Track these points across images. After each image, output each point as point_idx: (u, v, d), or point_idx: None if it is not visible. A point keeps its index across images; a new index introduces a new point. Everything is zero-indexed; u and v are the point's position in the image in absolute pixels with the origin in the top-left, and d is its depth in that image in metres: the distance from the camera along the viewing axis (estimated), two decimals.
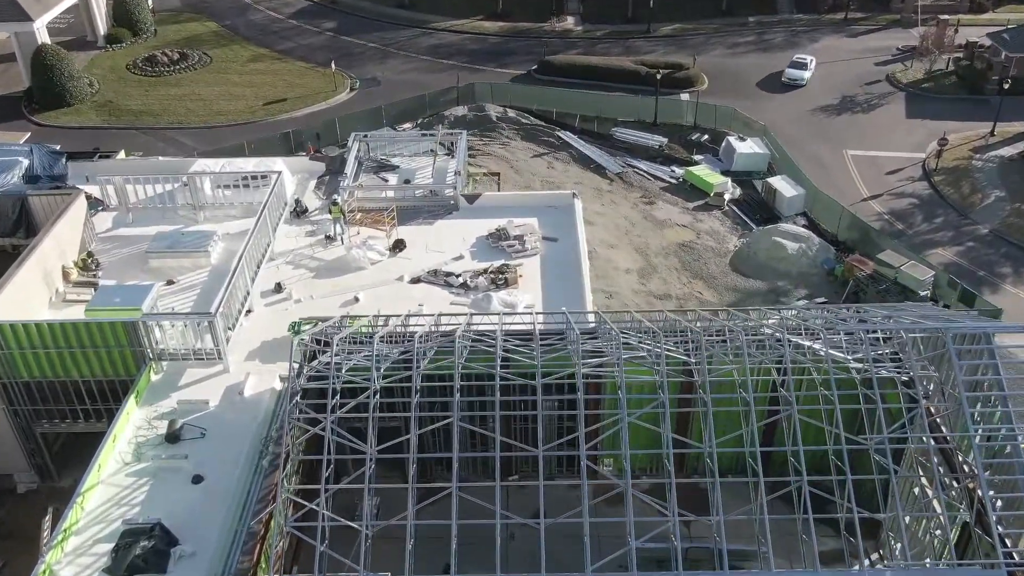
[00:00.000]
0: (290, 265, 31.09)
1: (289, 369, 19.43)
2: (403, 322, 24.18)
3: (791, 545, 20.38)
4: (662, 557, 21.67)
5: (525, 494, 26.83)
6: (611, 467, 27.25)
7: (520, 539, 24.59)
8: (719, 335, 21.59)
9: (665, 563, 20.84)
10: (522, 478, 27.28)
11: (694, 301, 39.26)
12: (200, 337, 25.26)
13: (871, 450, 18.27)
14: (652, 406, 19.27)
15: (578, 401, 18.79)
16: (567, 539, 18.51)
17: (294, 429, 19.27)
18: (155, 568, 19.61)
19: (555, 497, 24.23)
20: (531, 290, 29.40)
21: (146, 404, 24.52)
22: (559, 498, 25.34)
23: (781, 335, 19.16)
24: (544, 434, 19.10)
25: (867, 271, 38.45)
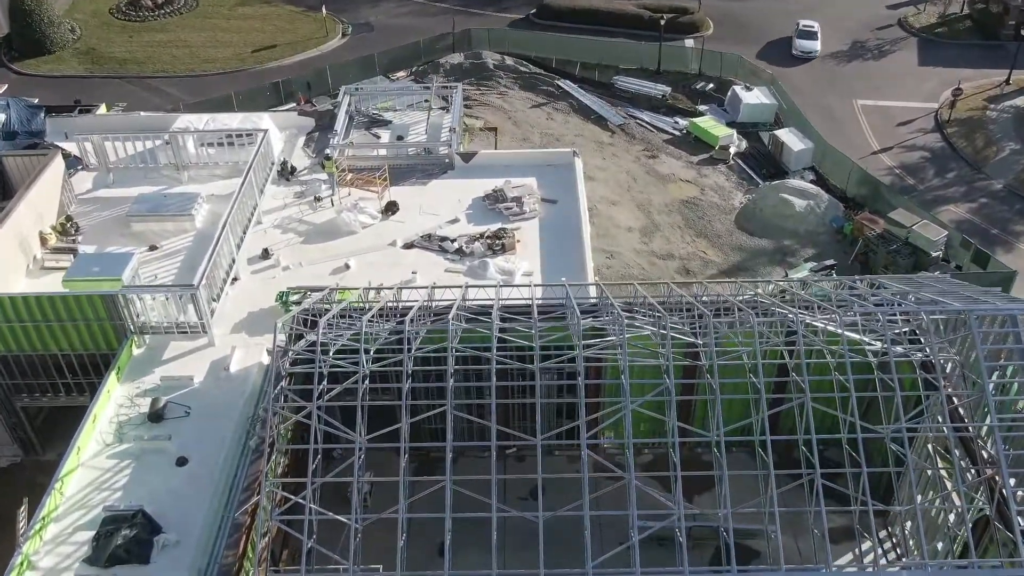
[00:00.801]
0: (278, 229, 29.83)
1: (273, 352, 18.32)
2: (395, 295, 23.06)
3: (798, 522, 19.59)
4: (664, 535, 21.04)
5: (524, 465, 26.13)
6: (612, 439, 26.45)
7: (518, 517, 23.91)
8: (727, 312, 20.51)
9: (667, 541, 20.16)
10: (520, 450, 26.50)
11: (698, 261, 38.08)
12: (183, 310, 24.14)
13: (887, 438, 17.31)
14: (656, 392, 18.23)
15: (578, 387, 17.76)
16: (566, 519, 17.60)
17: (278, 416, 18.23)
18: (137, 558, 18.84)
19: (554, 469, 23.53)
20: (529, 256, 28.20)
21: (128, 380, 23.53)
22: (558, 470, 24.63)
23: (794, 316, 18.01)
24: (543, 421, 18.12)
25: (877, 230, 37.15)
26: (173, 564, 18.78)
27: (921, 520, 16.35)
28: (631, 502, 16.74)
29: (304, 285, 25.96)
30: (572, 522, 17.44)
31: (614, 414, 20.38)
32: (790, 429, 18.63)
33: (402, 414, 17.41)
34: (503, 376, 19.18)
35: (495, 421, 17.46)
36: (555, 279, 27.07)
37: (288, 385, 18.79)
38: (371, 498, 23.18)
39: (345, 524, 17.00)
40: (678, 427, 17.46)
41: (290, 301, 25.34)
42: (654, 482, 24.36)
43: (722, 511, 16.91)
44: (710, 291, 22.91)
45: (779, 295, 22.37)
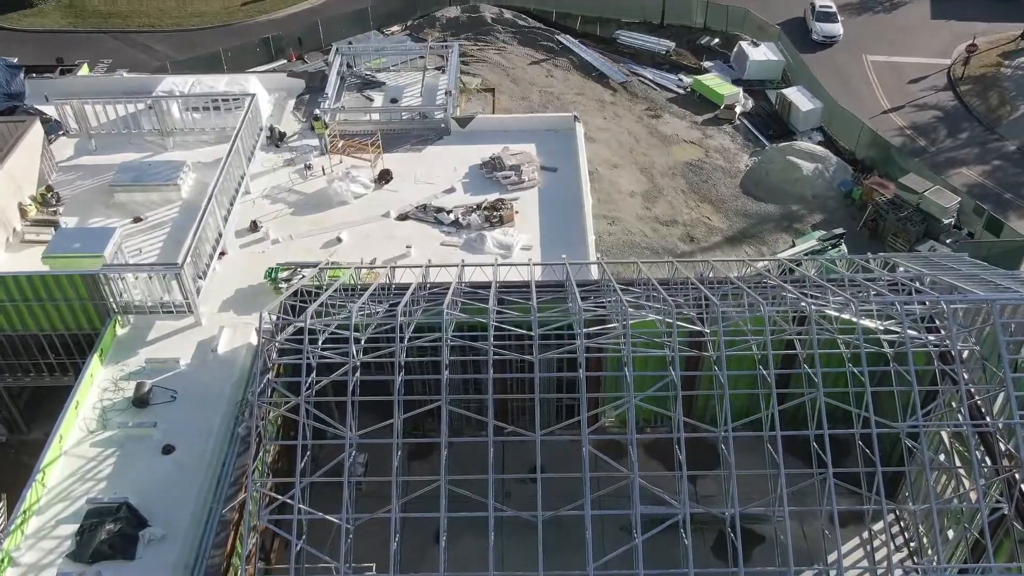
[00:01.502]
0: (267, 199, 28.69)
1: (259, 345, 17.38)
2: (388, 275, 22.08)
3: (804, 504, 18.92)
4: (667, 518, 20.46)
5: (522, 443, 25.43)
6: (614, 420, 25.76)
7: (516, 497, 23.31)
8: (735, 295, 19.57)
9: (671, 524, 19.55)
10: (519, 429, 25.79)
11: (702, 228, 37.01)
12: (168, 289, 23.16)
13: (902, 434, 16.52)
14: (661, 384, 17.37)
15: (580, 382, 16.89)
16: (566, 499, 17.02)
17: (264, 408, 17.39)
18: (122, 554, 18.20)
19: (554, 447, 22.84)
20: (528, 229, 27.13)
21: (112, 362, 22.67)
22: (558, 448, 23.94)
23: (807, 304, 17.05)
24: (542, 411, 17.30)
25: (887, 196, 36.00)
26: (159, 560, 18.15)
27: (936, 519, 15.60)
28: (634, 501, 15.98)
29: (294, 261, 25.00)
30: (570, 503, 16.77)
31: (616, 396, 19.56)
32: (796, 412, 17.86)
33: (395, 410, 16.55)
34: (501, 367, 18.35)
35: (492, 416, 16.60)
36: (555, 253, 26.12)
37: (275, 377, 17.89)
38: (365, 481, 22.58)
39: (345, 473, 16.21)
40: (683, 422, 16.64)
41: (279, 278, 24.41)
42: (657, 464, 23.86)
43: (730, 510, 16.16)
44: (716, 270, 21.96)
45: (788, 274, 21.39)
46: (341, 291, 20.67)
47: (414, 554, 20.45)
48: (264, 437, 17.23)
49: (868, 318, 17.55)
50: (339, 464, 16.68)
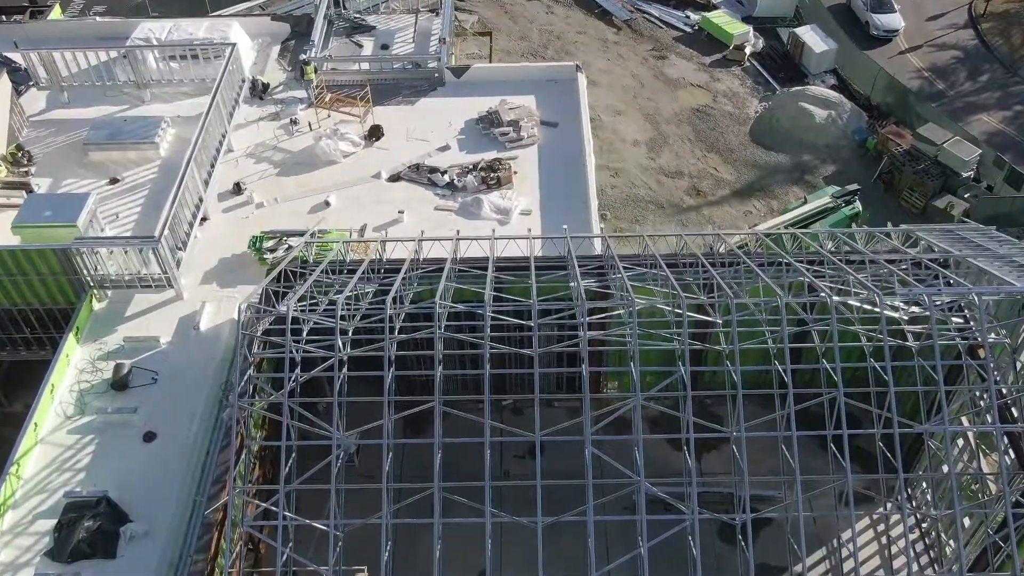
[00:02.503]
0: (251, 158, 27.09)
1: (237, 342, 16.18)
2: (379, 250, 20.75)
3: (813, 486, 18.00)
4: (671, 503, 19.68)
5: (522, 419, 24.56)
6: (616, 390, 24.82)
7: (515, 476, 22.54)
8: (748, 274, 18.30)
9: (673, 509, 18.74)
10: (517, 402, 24.91)
11: (709, 180, 35.44)
12: (145, 262, 21.84)
13: (926, 436, 15.49)
14: (669, 381, 16.27)
15: (582, 379, 15.78)
16: (565, 475, 16.13)
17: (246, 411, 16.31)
18: (103, 552, 17.38)
19: (554, 422, 21.96)
20: (527, 191, 25.66)
21: (89, 341, 21.51)
22: (558, 418, 23.03)
23: (827, 294, 15.79)
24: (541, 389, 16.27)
25: (904, 146, 34.33)
26: (141, 558, 17.32)
27: (961, 527, 14.68)
28: (640, 508, 15.04)
29: (279, 229, 23.62)
30: (571, 475, 15.94)
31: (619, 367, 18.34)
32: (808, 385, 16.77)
33: (385, 411, 15.47)
34: (498, 358, 17.31)
35: (488, 416, 15.55)
36: (555, 218, 24.77)
37: (257, 372, 16.76)
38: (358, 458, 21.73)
39: (332, 479, 15.30)
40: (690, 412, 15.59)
41: (264, 248, 23.08)
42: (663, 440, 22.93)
43: (740, 517, 15.25)
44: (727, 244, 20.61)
45: (805, 249, 20.06)
46: (328, 270, 19.36)
47: (407, 532, 19.65)
48: (246, 437, 16.16)
49: (888, 301, 16.26)
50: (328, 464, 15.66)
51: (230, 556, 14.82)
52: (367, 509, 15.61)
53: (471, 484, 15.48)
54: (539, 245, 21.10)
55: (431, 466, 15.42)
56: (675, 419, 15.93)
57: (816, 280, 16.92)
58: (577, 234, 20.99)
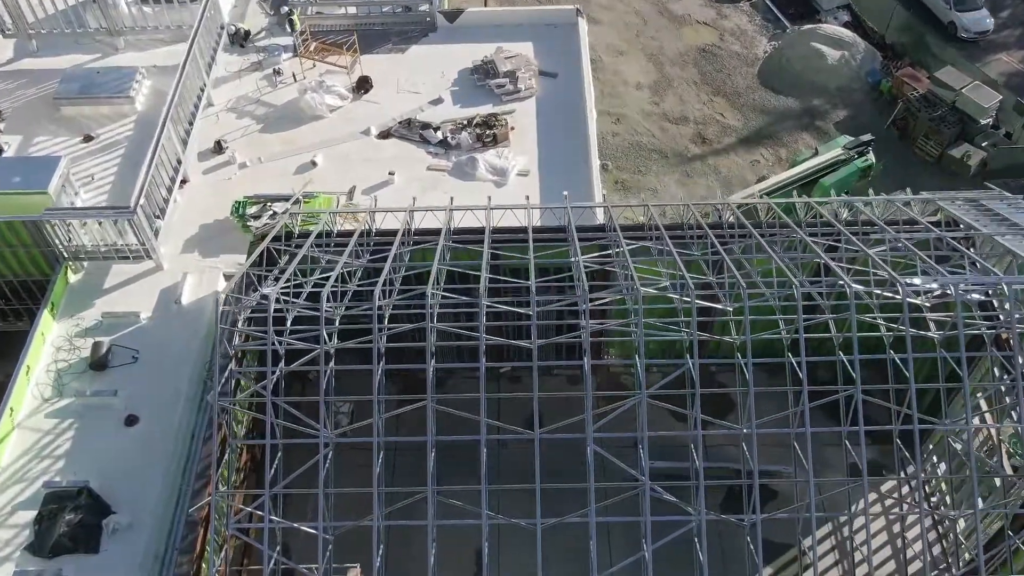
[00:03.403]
0: (232, 113, 25.60)
1: (215, 337, 15.15)
2: (368, 220, 19.56)
3: (819, 459, 17.26)
4: (675, 473, 19.02)
5: (520, 386, 23.78)
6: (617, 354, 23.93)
7: (513, 448, 21.87)
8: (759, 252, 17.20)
9: (678, 479, 18.05)
10: (515, 369, 24.05)
11: (715, 126, 33.89)
12: (122, 232, 20.65)
13: (947, 436, 14.67)
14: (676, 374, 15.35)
15: (585, 376, 14.85)
16: (564, 449, 15.50)
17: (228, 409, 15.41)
18: (85, 546, 16.74)
19: (552, 387, 21.19)
20: (525, 149, 24.29)
21: (65, 316, 20.50)
22: (556, 387, 22.30)
23: (846, 282, 14.71)
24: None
25: (920, 90, 32.70)
26: (126, 552, 16.71)
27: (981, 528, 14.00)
28: (644, 511, 14.31)
29: (263, 194, 22.36)
30: (571, 453, 15.25)
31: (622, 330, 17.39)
32: (819, 348, 15.66)
33: (375, 408, 14.58)
34: (496, 318, 16.35)
35: (484, 415, 14.68)
36: (555, 178, 23.53)
37: (238, 368, 15.80)
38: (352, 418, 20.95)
39: (320, 484, 14.55)
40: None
41: (247, 215, 21.86)
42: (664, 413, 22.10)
43: (750, 516, 14.55)
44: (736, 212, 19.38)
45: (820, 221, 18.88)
46: (314, 245, 18.22)
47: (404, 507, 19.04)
48: (229, 435, 15.31)
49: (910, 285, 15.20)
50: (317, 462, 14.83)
51: (215, 563, 14.10)
52: (359, 494, 14.72)
53: (467, 488, 14.72)
54: (538, 215, 19.88)
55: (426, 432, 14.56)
56: (680, 382, 15.06)
57: (833, 262, 15.82)
58: (578, 203, 19.76)
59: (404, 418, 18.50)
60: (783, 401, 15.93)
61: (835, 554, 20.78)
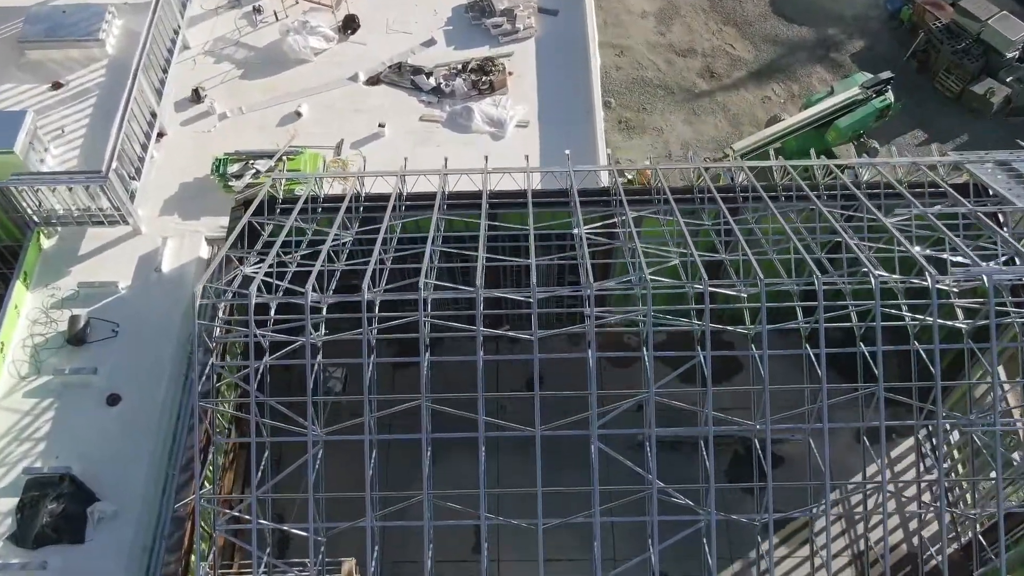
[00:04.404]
0: (210, 58, 23.89)
1: (194, 331, 14.12)
2: (357, 184, 18.29)
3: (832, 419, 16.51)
4: (677, 440, 18.46)
5: (518, 347, 22.96)
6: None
7: (512, 413, 21.18)
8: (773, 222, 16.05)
9: (681, 446, 17.54)
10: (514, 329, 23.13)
11: (724, 59, 32.03)
12: (95, 196, 19.39)
13: (973, 432, 13.89)
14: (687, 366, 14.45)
15: (589, 373, 13.95)
16: (565, 413, 14.49)
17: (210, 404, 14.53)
18: (69, 537, 16.19)
19: (553, 347, 20.36)
20: (524, 97, 22.76)
21: (39, 286, 19.49)
22: (557, 348, 21.48)
23: (871, 273, 13.65)
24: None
25: (943, 20, 30.73)
26: (112, 542, 16.19)
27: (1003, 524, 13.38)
28: (652, 512, 13.64)
29: (244, 150, 21.00)
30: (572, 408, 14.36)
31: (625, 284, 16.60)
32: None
33: (366, 406, 13.71)
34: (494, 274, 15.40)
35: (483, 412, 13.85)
36: (556, 130, 22.15)
37: (220, 361, 14.86)
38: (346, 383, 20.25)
39: (309, 488, 13.89)
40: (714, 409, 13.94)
41: (228, 173, 20.56)
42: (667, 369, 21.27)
43: (760, 519, 13.91)
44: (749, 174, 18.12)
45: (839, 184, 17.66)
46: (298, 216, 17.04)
47: (399, 479, 18.46)
48: (213, 432, 14.49)
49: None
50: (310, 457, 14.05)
51: (202, 567, 13.51)
52: (353, 462, 13.88)
53: (464, 492, 14.00)
54: (538, 177, 18.63)
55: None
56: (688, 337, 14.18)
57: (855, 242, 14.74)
58: (581, 166, 18.45)
59: (399, 378, 17.69)
60: (786, 378, 15.02)
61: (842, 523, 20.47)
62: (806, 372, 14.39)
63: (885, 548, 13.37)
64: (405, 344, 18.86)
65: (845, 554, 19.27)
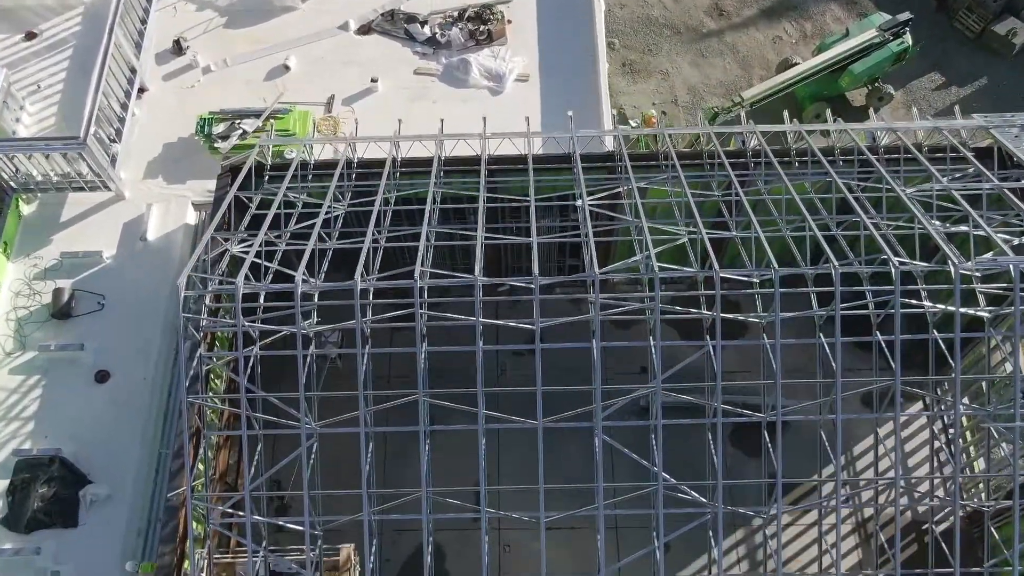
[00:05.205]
0: (191, 4, 22.51)
1: (180, 328, 13.43)
2: (349, 149, 17.35)
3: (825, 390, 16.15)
4: (679, 405, 18.08)
5: (518, 307, 22.38)
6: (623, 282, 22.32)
7: (512, 373, 20.79)
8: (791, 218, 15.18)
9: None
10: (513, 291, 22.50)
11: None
12: (73, 162, 18.46)
13: (990, 423, 13.43)
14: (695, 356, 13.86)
15: (594, 366, 13.36)
16: (566, 372, 14.01)
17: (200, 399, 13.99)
18: (63, 521, 15.94)
19: (554, 309, 19.79)
20: (524, 48, 21.56)
21: (21, 256, 18.80)
22: (558, 305, 20.87)
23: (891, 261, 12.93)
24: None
25: None
26: (106, 525, 15.99)
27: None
28: (657, 506, 13.28)
29: (231, 108, 19.94)
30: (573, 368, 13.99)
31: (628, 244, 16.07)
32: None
33: (360, 401, 13.18)
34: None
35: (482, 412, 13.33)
36: (558, 85, 21.10)
37: (208, 352, 14.25)
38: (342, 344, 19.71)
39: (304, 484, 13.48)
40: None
41: (214, 134, 19.57)
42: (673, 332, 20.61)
43: (768, 513, 13.56)
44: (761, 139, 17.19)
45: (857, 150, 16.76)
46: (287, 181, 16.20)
47: (398, 451, 18.19)
48: (203, 426, 13.99)
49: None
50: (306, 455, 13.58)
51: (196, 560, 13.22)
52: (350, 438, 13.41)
53: (463, 488, 13.61)
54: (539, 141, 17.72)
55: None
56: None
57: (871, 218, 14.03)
58: (585, 131, 17.50)
59: (398, 336, 17.02)
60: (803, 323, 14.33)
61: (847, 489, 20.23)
62: (818, 361, 13.80)
63: (896, 546, 13.01)
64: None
65: (849, 521, 19.14)
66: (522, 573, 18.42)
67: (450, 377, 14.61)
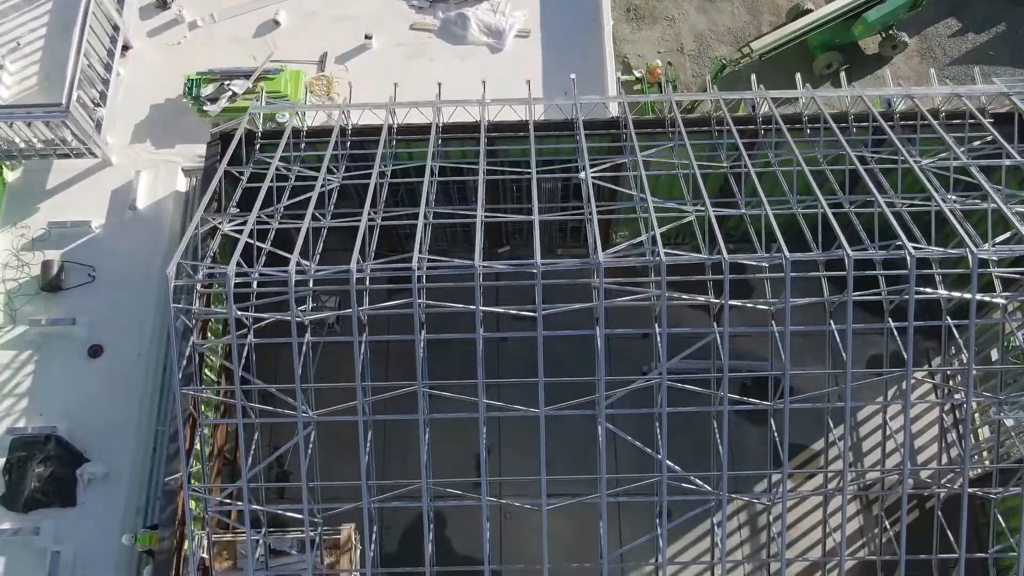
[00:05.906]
0: None
1: (170, 316, 13.00)
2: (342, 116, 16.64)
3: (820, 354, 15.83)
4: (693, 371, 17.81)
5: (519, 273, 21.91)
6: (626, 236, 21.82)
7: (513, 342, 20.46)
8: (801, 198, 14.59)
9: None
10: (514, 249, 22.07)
11: None
12: (56, 128, 17.77)
13: (1002, 410, 13.17)
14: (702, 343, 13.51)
15: (597, 359, 13.01)
16: (570, 346, 14.04)
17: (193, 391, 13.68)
18: (60, 499, 15.85)
19: (555, 287, 19.35)
20: (524, 1, 20.56)
21: (7, 225, 18.30)
22: (561, 289, 20.43)
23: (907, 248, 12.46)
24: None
25: None
26: (105, 504, 15.91)
27: None
28: (662, 494, 13.13)
29: (219, 68, 19.13)
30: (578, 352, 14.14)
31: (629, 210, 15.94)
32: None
33: (359, 392, 12.88)
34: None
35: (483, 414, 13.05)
36: (559, 38, 20.20)
37: (201, 340, 13.88)
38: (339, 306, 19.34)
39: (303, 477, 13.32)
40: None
41: (202, 96, 18.82)
42: None
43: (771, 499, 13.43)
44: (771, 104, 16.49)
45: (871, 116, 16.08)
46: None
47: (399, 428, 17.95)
48: (198, 414, 13.73)
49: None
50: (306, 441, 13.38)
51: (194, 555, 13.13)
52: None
53: (461, 502, 13.42)
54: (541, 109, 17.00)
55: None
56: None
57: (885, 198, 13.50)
58: (588, 96, 16.75)
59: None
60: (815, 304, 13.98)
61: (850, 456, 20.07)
62: (828, 351, 13.45)
63: (902, 537, 12.91)
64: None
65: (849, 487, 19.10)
66: (522, 540, 18.47)
67: (450, 355, 14.37)
